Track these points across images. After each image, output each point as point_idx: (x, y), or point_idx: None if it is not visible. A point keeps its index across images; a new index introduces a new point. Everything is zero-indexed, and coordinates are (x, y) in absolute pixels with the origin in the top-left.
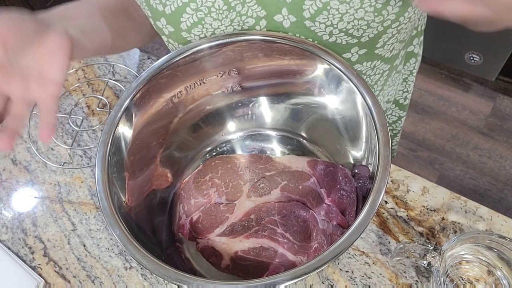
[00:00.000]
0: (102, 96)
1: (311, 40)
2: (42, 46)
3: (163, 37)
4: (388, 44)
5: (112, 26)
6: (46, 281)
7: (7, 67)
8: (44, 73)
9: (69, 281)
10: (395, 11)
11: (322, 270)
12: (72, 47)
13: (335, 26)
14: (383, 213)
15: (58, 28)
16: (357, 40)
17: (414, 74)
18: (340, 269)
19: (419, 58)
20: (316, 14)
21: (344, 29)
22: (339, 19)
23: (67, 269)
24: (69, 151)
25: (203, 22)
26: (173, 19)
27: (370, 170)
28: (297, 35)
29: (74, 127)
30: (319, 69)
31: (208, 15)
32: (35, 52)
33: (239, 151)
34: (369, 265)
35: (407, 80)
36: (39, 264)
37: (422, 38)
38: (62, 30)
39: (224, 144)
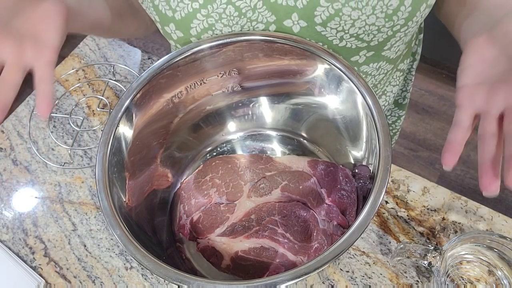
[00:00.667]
0: (102, 96)
1: (320, 44)
2: (38, 9)
3: (170, 41)
4: (395, 46)
5: (110, 3)
6: (46, 281)
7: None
8: (40, 36)
9: (69, 281)
10: (405, 16)
11: (322, 270)
12: (68, 13)
13: (346, 31)
14: (384, 213)
15: None
16: (366, 44)
17: (413, 73)
18: (341, 269)
19: (418, 57)
20: (327, 20)
21: (355, 34)
22: (351, 24)
23: (67, 269)
24: (69, 151)
25: (213, 28)
26: (182, 24)
27: (370, 170)
28: (307, 39)
29: (75, 127)
30: (320, 69)
31: (219, 21)
32: (30, 14)
33: (239, 151)
34: (369, 265)
35: (406, 79)
36: (39, 264)
37: (421, 36)
38: None
39: (224, 144)
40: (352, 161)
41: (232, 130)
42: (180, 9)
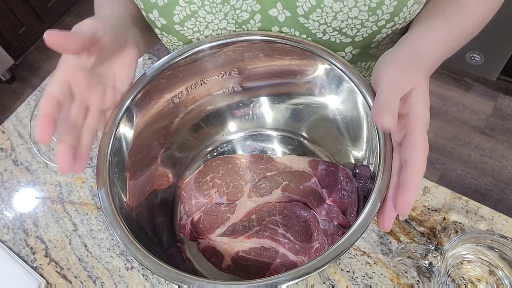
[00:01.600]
0: None
1: (304, 36)
2: (120, 58)
3: (155, 30)
4: (383, 45)
5: (146, 36)
6: (47, 282)
7: (92, 76)
8: (117, 85)
9: (70, 282)
10: (390, 11)
11: (323, 270)
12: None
13: (328, 24)
14: None
15: (131, 40)
16: (351, 40)
17: None
18: (341, 269)
19: None
20: (309, 11)
21: (338, 28)
22: (333, 17)
23: (68, 269)
24: None
25: (196, 15)
26: (165, 11)
27: (371, 170)
28: (292, 29)
29: None
30: (320, 69)
31: (202, 8)
32: (113, 63)
33: (240, 151)
34: (370, 265)
35: None
36: (40, 265)
37: None
38: (134, 42)
39: (225, 144)
40: (353, 161)
41: (233, 130)
42: None
